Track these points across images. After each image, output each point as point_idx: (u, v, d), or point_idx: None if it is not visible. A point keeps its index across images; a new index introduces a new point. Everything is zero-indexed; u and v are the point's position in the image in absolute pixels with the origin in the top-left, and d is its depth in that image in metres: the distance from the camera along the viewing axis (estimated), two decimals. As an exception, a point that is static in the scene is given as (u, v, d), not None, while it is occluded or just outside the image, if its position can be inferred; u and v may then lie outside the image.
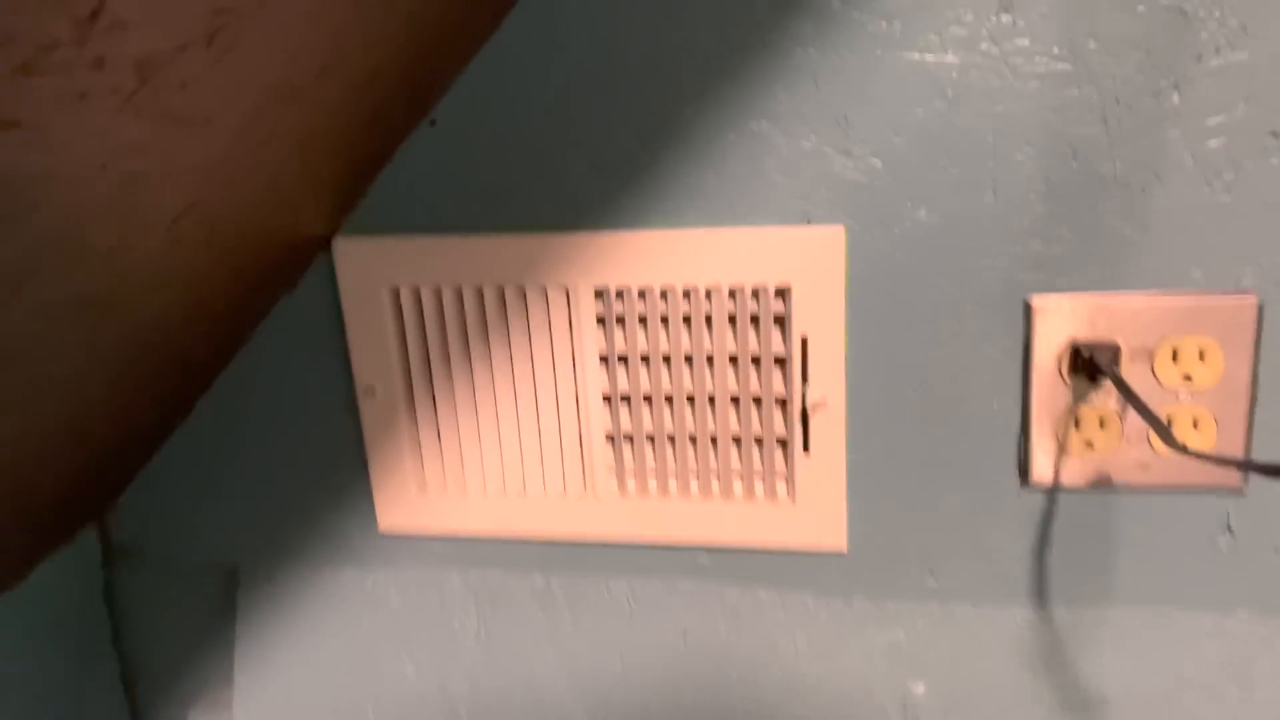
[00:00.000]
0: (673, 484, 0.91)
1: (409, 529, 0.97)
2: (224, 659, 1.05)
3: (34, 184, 0.49)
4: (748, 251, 0.83)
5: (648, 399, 0.89)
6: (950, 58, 0.76)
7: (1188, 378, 0.78)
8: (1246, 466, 0.71)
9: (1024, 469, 0.84)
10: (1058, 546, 0.86)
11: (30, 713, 0.96)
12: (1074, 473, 0.83)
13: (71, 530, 1.00)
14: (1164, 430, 0.72)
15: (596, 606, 0.96)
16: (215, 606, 1.05)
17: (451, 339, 0.90)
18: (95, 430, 0.86)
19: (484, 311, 0.89)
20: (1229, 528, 0.82)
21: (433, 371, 0.92)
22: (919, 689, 0.91)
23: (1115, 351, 0.78)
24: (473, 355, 0.90)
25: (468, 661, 0.99)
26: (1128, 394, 0.73)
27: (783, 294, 0.84)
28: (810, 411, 0.85)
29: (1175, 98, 0.73)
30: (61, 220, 0.55)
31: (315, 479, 0.98)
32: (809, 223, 0.82)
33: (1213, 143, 0.74)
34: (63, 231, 0.56)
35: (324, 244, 0.89)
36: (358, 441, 0.95)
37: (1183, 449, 0.69)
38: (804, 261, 0.82)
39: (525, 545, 0.96)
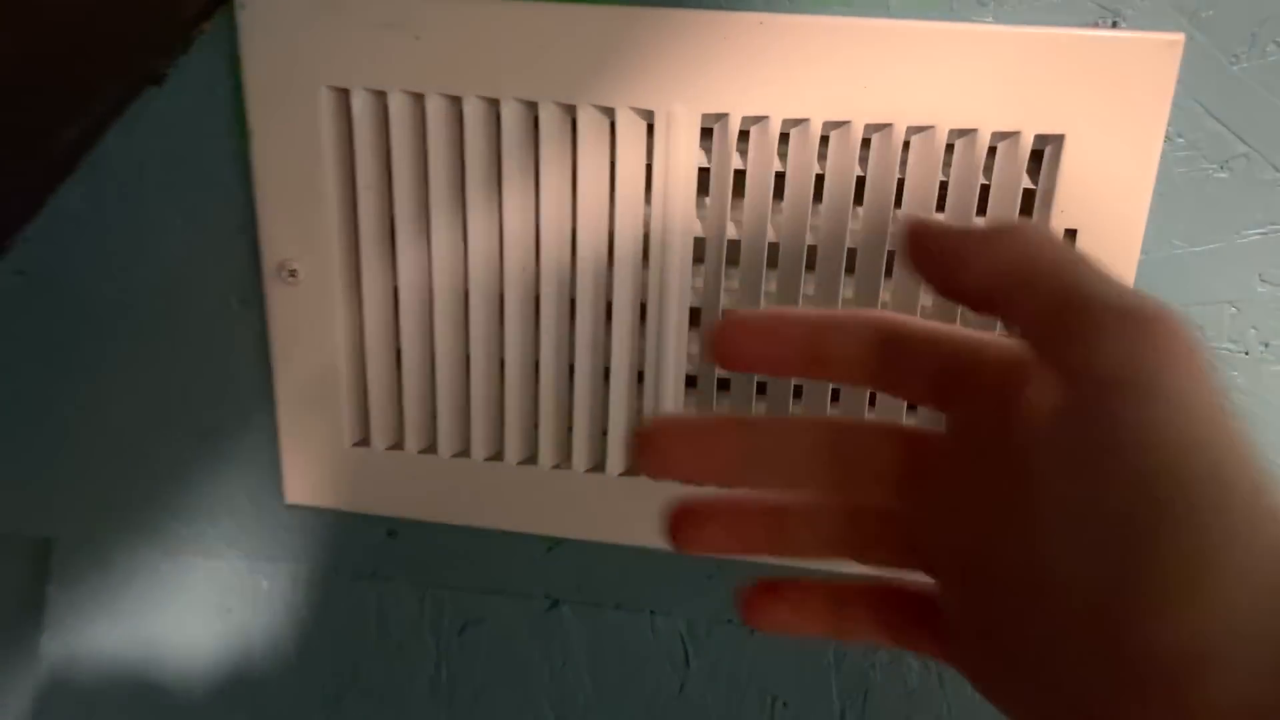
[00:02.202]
0: (785, 466, 0.54)
1: (333, 502, 0.59)
2: (23, 683, 0.67)
3: None
4: (993, 68, 0.46)
5: (763, 321, 0.52)
6: None
7: None
8: None
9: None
10: None
11: None
12: None
13: None
14: None
15: (634, 651, 0.60)
16: (16, 600, 0.66)
17: (435, 191, 0.52)
18: None
19: (498, 142, 0.51)
20: None
21: (396, 243, 0.53)
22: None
23: None
24: (469, 219, 0.52)
25: (417, 724, 0.63)
26: None
27: (1040, 153, 0.47)
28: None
29: None
30: None
31: (182, 414, 0.59)
32: (1115, 26, 0.45)
33: None
34: None
35: (219, 2, 0.50)
36: (258, 355, 0.57)
37: None
38: (1096, 95, 0.45)
39: (525, 544, 0.59)
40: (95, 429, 0.61)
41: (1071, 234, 0.47)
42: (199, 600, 0.64)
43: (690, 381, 0.54)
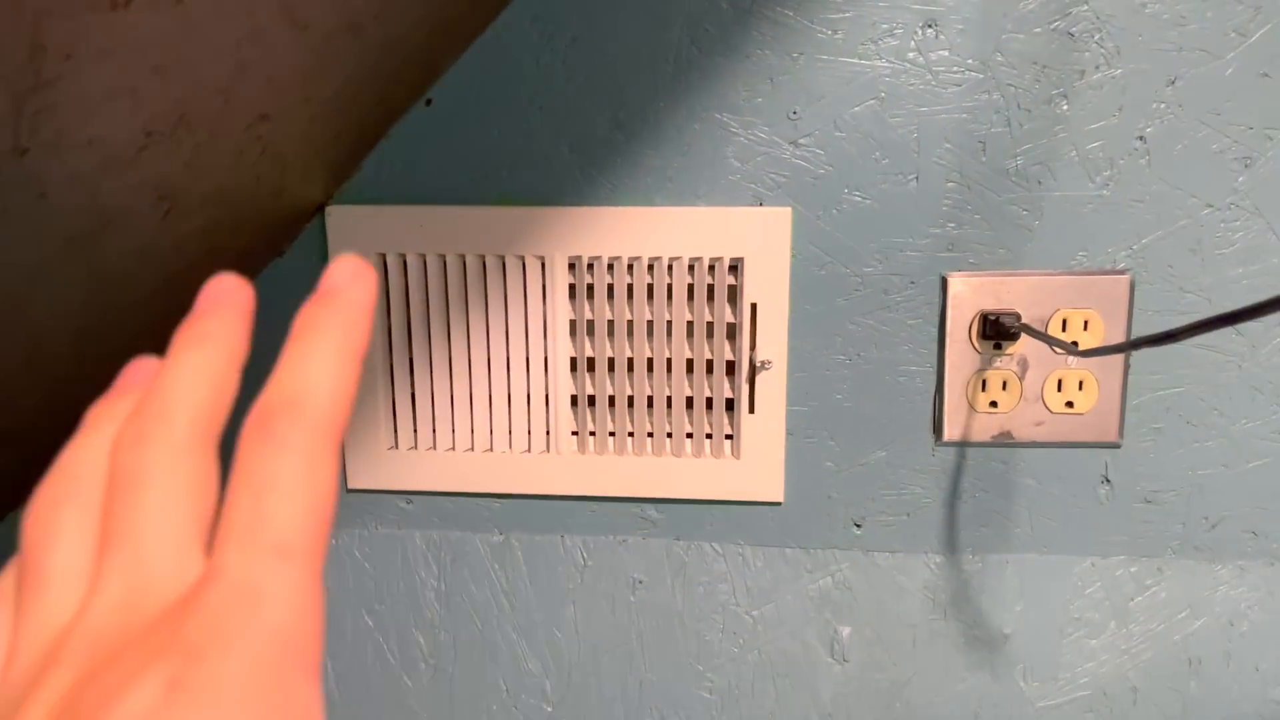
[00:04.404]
0: (629, 442, 1.01)
1: (377, 485, 1.03)
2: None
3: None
4: (707, 228, 0.94)
5: (611, 363, 0.99)
6: (883, 64, 0.90)
7: (1075, 344, 0.93)
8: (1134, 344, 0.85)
9: (938, 427, 0.97)
10: (966, 498, 0.98)
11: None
12: (980, 429, 0.96)
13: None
14: (1066, 345, 0.86)
15: (552, 560, 1.04)
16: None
17: (433, 303, 0.99)
18: (75, 398, 0.90)
19: (465, 278, 0.98)
20: (1107, 479, 0.96)
21: (412, 334, 1.00)
22: (845, 631, 1.02)
23: (1018, 316, 0.92)
24: (451, 320, 0.99)
25: (428, 615, 1.05)
26: (1035, 334, 0.88)
27: (735, 267, 0.95)
28: (757, 370, 0.96)
29: (1065, 105, 0.89)
30: (73, 195, 0.63)
31: (287, 439, 1.03)
32: (761, 204, 0.94)
33: (1093, 145, 0.90)
34: (66, 189, 0.63)
35: (317, 211, 0.97)
36: (333, 401, 1.02)
37: (1079, 351, 0.85)
38: (755, 238, 0.94)
39: (487, 502, 1.03)
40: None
41: (754, 307, 0.95)
42: (292, 556, 1.06)
43: (574, 400, 1.00)
